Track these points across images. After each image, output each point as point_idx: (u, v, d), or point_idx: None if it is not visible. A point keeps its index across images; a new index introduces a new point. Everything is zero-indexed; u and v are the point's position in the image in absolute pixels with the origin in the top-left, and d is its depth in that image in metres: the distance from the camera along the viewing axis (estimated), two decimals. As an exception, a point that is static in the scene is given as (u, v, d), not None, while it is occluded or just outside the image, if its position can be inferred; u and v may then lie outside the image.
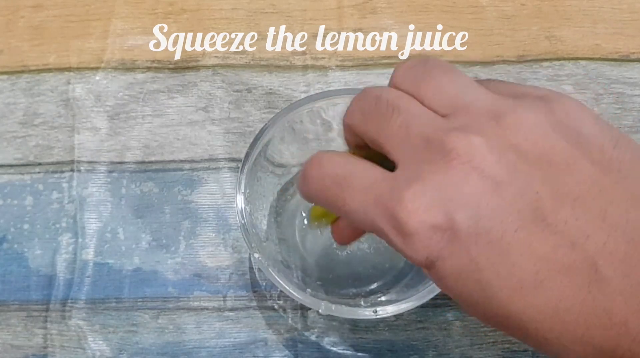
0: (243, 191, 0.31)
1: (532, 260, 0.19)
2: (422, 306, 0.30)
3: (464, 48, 0.40)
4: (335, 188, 0.22)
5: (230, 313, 0.35)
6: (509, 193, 0.19)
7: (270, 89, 0.39)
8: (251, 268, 0.36)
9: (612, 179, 0.19)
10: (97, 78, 0.40)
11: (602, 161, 0.20)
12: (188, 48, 0.40)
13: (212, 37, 0.41)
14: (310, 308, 0.34)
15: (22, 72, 0.40)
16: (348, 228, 0.26)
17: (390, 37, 0.41)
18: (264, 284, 0.35)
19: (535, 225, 0.19)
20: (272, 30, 0.41)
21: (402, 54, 0.40)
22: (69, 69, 0.40)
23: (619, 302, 0.18)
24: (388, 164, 0.22)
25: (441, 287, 0.21)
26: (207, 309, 0.35)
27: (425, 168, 0.20)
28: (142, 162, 0.38)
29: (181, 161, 0.38)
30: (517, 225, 0.19)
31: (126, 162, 0.38)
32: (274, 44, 0.41)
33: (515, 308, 0.19)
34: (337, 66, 0.40)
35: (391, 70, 0.24)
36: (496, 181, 0.19)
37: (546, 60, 0.40)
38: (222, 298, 0.35)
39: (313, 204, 0.28)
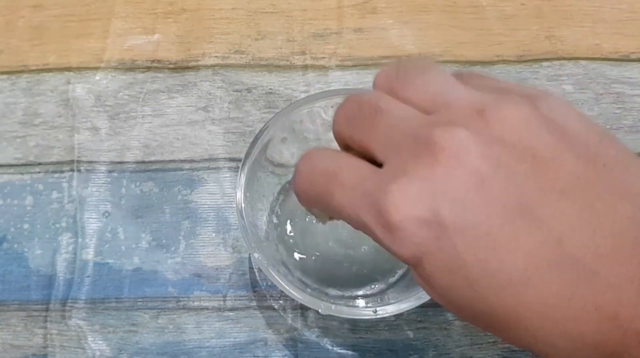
0: (243, 191, 0.31)
1: (519, 256, 0.19)
2: (422, 306, 0.30)
3: (464, 48, 0.40)
4: (324, 182, 0.22)
5: (230, 313, 0.35)
6: (494, 188, 0.19)
7: (270, 89, 0.39)
8: (251, 268, 0.36)
9: (598, 174, 0.19)
10: (97, 78, 0.40)
11: (588, 155, 0.20)
12: (188, 48, 0.41)
13: (212, 36, 0.41)
14: (310, 308, 0.34)
15: (22, 72, 0.40)
16: None
17: (390, 37, 0.41)
18: (264, 284, 0.35)
19: (521, 219, 0.19)
20: (272, 30, 0.41)
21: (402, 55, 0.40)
22: (69, 69, 0.40)
23: (608, 296, 0.18)
24: (378, 165, 0.22)
25: (428, 287, 0.21)
26: (207, 309, 0.35)
27: (411, 162, 0.20)
28: (142, 162, 0.38)
29: (181, 161, 0.38)
30: (503, 219, 0.19)
31: (126, 162, 0.38)
32: (274, 44, 0.41)
33: (503, 306, 0.19)
34: (337, 66, 0.40)
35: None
36: (481, 176, 0.19)
37: (546, 60, 0.40)
38: (222, 298, 0.35)
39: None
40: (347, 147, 0.24)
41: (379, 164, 0.22)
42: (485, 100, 0.21)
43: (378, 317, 0.30)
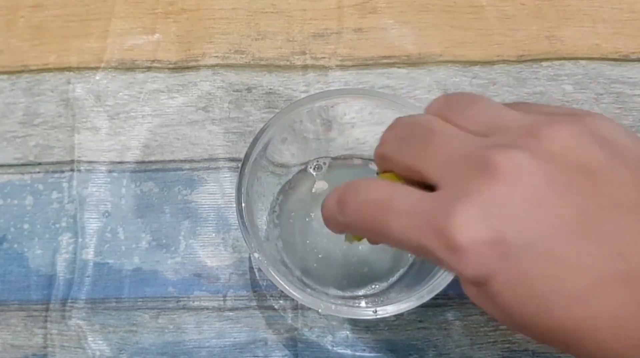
0: (243, 191, 0.31)
1: (582, 271, 0.19)
2: (422, 306, 0.30)
3: (464, 48, 0.40)
4: (378, 213, 0.22)
5: (230, 313, 0.35)
6: (554, 205, 0.20)
7: (270, 89, 0.39)
8: (251, 268, 0.36)
9: None
10: (97, 78, 0.40)
11: None
12: (188, 48, 0.41)
13: (212, 36, 0.41)
14: (310, 308, 0.34)
15: (22, 72, 0.40)
16: None
17: (390, 37, 0.41)
18: (264, 284, 0.35)
19: (583, 235, 0.19)
20: (272, 30, 0.41)
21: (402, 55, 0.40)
22: (69, 69, 0.40)
23: None
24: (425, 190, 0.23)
25: (493, 307, 0.21)
26: (207, 309, 0.35)
27: (472, 184, 0.20)
28: (142, 162, 0.38)
29: (181, 161, 0.38)
30: (564, 236, 0.19)
31: (126, 162, 0.38)
32: (274, 44, 0.41)
33: (571, 321, 0.19)
34: (337, 66, 0.40)
35: (391, 70, 0.24)
36: (540, 193, 0.20)
37: (546, 60, 0.40)
38: (222, 298, 0.35)
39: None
40: (385, 171, 0.25)
41: (426, 188, 0.22)
42: (537, 121, 0.21)
43: (378, 317, 0.30)
